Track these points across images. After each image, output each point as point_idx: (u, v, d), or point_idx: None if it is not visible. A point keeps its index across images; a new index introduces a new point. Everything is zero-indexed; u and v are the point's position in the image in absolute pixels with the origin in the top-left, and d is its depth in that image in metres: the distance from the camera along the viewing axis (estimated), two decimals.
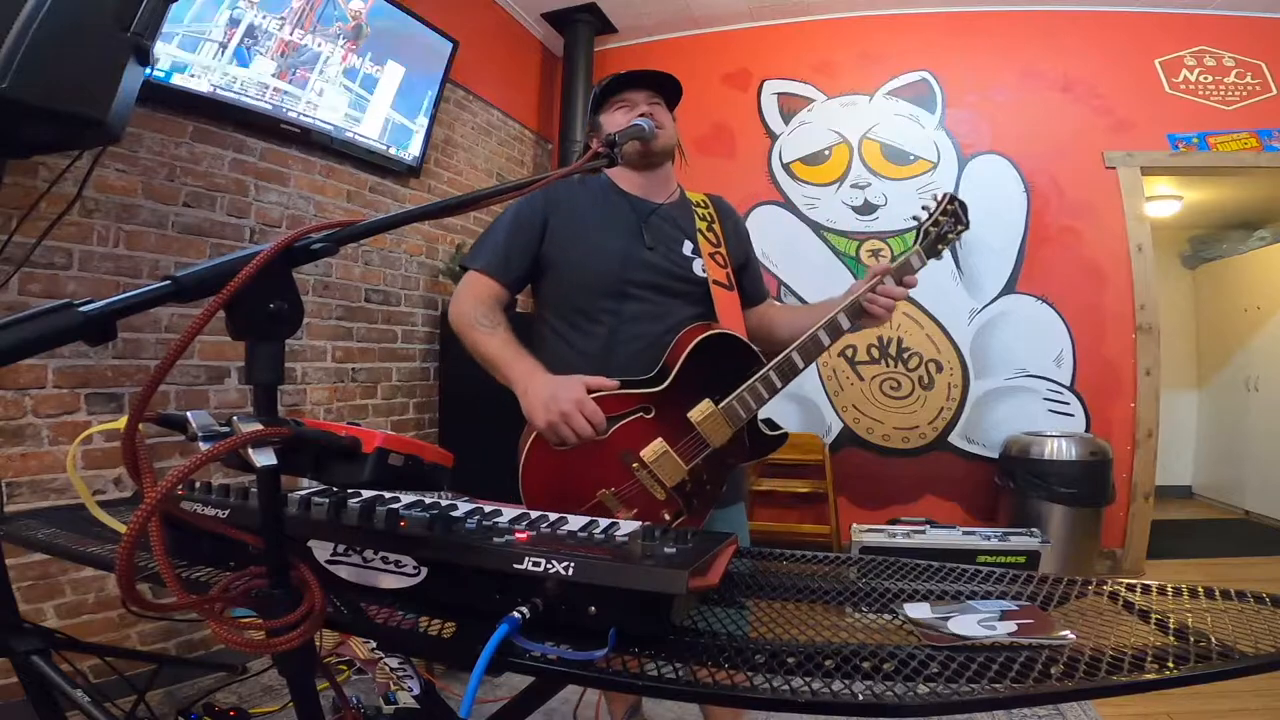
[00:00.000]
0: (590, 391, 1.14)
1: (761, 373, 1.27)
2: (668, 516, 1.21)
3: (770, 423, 1.34)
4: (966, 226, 1.45)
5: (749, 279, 1.55)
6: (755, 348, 1.33)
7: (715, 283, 1.40)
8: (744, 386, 1.26)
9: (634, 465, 1.19)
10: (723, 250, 1.48)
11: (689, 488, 1.22)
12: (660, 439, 1.20)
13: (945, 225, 1.42)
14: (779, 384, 1.28)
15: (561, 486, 1.18)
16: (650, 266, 1.37)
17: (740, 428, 1.27)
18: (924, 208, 1.44)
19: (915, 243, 1.41)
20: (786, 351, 1.29)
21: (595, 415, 1.12)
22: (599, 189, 1.45)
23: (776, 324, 1.54)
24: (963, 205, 1.45)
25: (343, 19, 2.70)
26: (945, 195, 1.45)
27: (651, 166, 1.44)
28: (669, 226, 1.43)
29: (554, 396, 1.12)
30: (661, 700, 1.91)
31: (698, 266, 1.42)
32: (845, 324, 1.33)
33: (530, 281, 1.42)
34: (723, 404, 1.25)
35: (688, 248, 1.43)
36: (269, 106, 2.50)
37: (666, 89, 1.44)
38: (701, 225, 1.46)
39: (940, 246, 1.43)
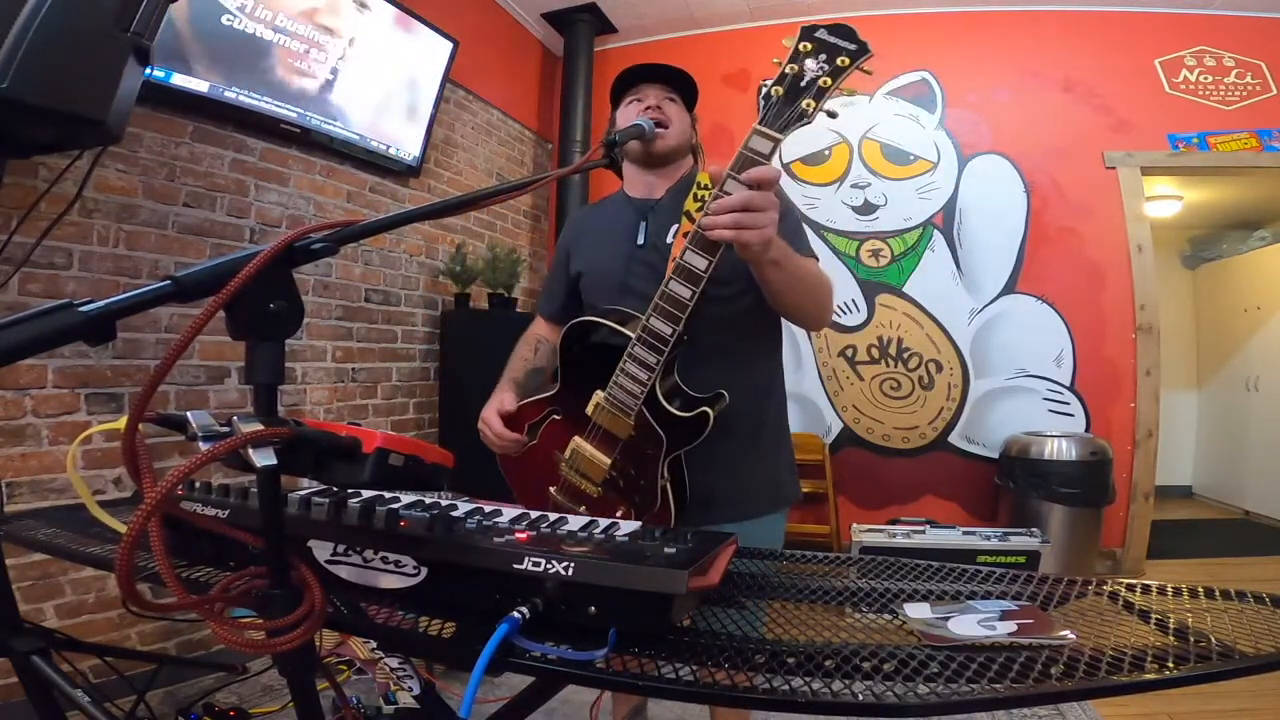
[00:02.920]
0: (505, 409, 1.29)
1: (626, 351, 1.14)
2: (620, 513, 1.20)
3: (688, 401, 1.17)
4: (861, 52, 1.04)
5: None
6: (619, 327, 1.19)
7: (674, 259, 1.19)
8: (616, 371, 1.16)
9: (561, 464, 1.24)
10: None
11: (620, 483, 1.20)
12: (577, 437, 1.22)
13: (814, 68, 1.02)
14: (652, 358, 1.11)
15: (530, 485, 1.29)
16: (645, 264, 1.35)
17: (642, 415, 1.15)
18: (775, 61, 1.05)
19: (760, 115, 1.03)
20: (644, 318, 1.13)
21: (499, 432, 1.28)
22: (615, 203, 1.45)
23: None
24: (841, 29, 1.04)
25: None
26: (801, 30, 1.05)
27: (655, 166, 1.40)
28: (664, 217, 1.38)
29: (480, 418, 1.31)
30: (662, 700, 1.91)
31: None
32: (699, 263, 1.07)
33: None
34: (605, 393, 1.18)
35: (672, 232, 1.35)
36: (269, 106, 2.50)
37: (682, 85, 1.40)
38: (694, 206, 1.26)
39: (809, 104, 1.01)
